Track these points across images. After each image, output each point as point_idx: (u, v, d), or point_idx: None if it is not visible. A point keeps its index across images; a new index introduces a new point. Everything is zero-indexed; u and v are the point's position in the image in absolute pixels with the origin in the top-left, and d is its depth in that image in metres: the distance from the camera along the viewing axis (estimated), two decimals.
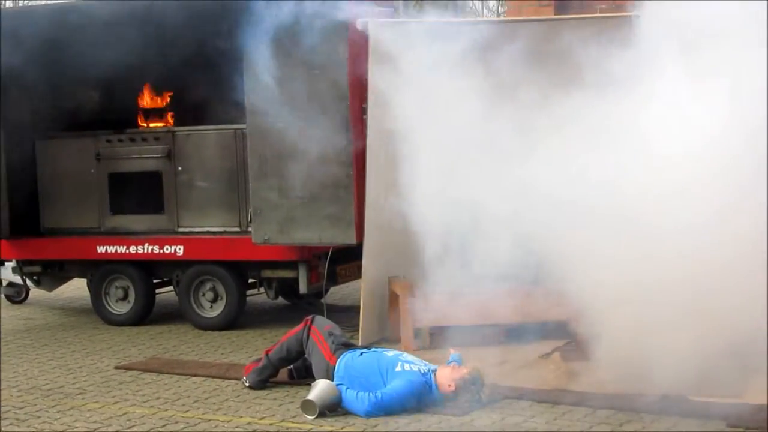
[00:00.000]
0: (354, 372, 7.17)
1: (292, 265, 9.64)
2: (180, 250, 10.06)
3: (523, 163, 7.51)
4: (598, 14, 8.64)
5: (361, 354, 7.31)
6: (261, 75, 9.21)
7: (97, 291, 10.60)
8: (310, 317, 7.71)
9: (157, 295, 10.68)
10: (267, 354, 7.77)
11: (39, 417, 7.36)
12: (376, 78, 8.51)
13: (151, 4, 9.71)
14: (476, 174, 7.84)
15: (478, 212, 7.76)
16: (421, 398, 6.98)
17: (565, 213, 7.29)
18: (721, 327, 6.79)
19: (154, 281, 10.64)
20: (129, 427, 6.99)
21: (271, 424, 6.88)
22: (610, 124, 7.22)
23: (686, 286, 6.81)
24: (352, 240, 9.10)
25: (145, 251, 10.20)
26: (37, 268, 11.03)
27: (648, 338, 6.94)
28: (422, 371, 7.08)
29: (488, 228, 7.70)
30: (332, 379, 7.19)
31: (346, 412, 6.97)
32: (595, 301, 7.24)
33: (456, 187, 7.96)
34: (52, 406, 7.61)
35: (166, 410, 7.35)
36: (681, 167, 6.85)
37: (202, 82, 10.58)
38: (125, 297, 10.49)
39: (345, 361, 7.27)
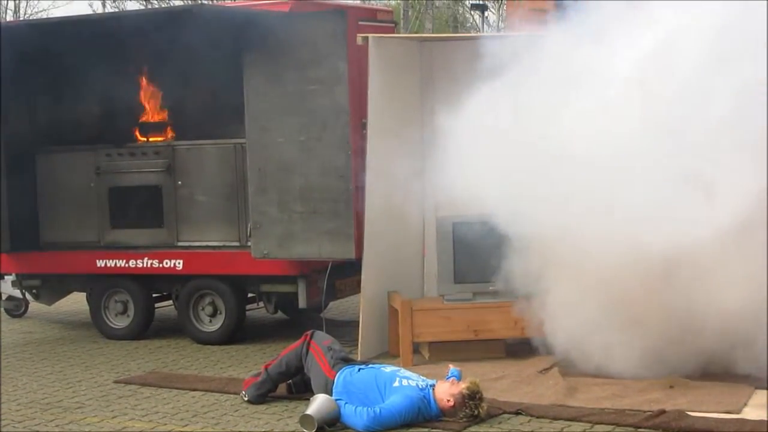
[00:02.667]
0: (352, 387, 7.17)
1: (291, 279, 9.65)
2: (179, 264, 10.06)
3: None
4: None
5: (360, 369, 7.31)
6: (261, 89, 9.24)
7: (96, 305, 10.59)
8: (309, 332, 7.71)
9: (156, 309, 10.68)
10: (266, 369, 7.77)
11: (38, 431, 7.37)
12: (376, 93, 8.56)
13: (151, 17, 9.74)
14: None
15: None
16: (419, 413, 6.97)
17: None
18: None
19: (154, 295, 10.64)
20: None
21: None
22: None
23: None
24: (351, 255, 9.10)
25: (145, 265, 10.19)
26: (36, 282, 11.02)
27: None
28: (420, 386, 7.08)
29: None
30: (331, 394, 7.18)
31: (345, 427, 6.97)
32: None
33: None
34: (51, 420, 7.61)
35: (165, 424, 7.34)
36: None
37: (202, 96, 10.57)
38: (124, 311, 10.48)
39: (344, 376, 7.26)
